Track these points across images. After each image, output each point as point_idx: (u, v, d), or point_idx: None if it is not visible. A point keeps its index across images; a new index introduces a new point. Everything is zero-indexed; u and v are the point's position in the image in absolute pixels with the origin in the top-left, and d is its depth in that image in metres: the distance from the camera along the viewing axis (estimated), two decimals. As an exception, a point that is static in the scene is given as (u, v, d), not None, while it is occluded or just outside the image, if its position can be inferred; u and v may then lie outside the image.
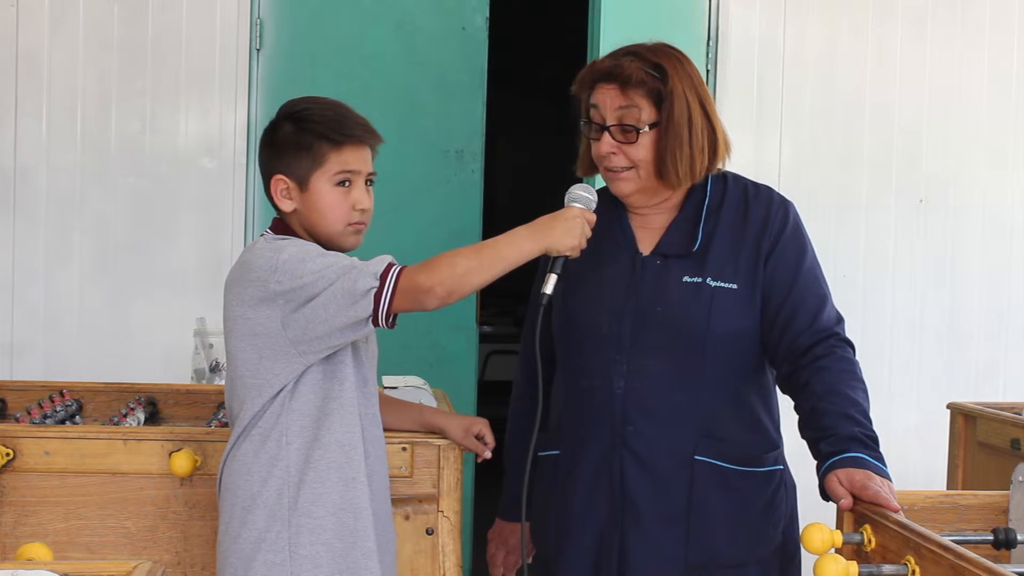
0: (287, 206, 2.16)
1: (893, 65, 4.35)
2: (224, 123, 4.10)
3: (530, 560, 2.44)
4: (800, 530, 2.34)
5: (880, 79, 4.34)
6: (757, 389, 2.33)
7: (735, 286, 2.27)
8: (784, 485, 2.36)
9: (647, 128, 2.26)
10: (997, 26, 4.40)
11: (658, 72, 2.26)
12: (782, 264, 2.28)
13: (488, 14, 4.32)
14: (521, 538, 2.36)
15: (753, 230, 2.30)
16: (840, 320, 2.28)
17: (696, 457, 2.26)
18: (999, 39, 4.40)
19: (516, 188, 8.78)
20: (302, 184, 2.14)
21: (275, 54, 4.16)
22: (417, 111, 4.27)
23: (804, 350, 2.22)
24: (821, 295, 2.29)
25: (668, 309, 2.27)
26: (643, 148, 2.27)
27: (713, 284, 2.26)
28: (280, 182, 2.15)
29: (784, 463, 2.37)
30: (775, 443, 2.36)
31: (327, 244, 2.17)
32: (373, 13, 4.25)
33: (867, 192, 4.35)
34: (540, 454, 2.40)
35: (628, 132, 2.26)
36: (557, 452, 2.38)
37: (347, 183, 2.15)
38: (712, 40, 4.23)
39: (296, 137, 2.14)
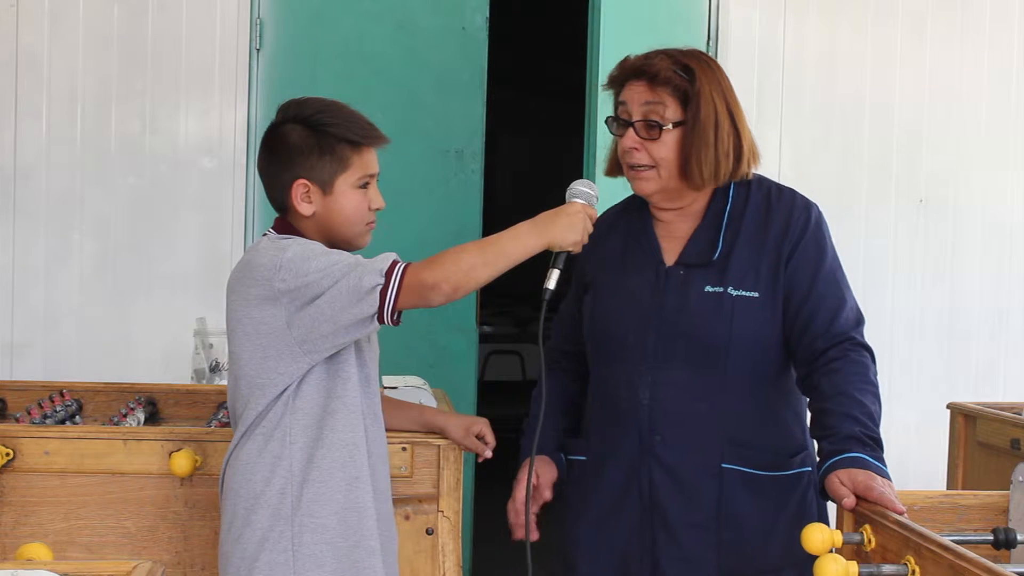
0: (307, 210, 2.16)
1: (893, 65, 4.35)
2: (224, 123, 4.10)
3: (536, 510, 2.37)
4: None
5: (880, 79, 4.34)
6: (782, 393, 2.33)
7: (756, 294, 2.27)
8: (813, 487, 2.33)
9: (671, 126, 2.26)
10: (997, 26, 4.40)
11: (687, 73, 2.27)
12: (801, 266, 2.28)
13: (488, 14, 4.32)
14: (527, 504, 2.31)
15: (775, 235, 2.30)
16: (859, 323, 2.27)
17: (724, 465, 2.26)
18: (999, 39, 4.40)
19: (516, 188, 8.78)
20: (325, 188, 2.15)
21: (275, 54, 4.16)
22: (417, 111, 4.27)
23: (819, 353, 2.22)
24: (840, 298, 2.28)
25: (690, 319, 2.27)
26: (665, 146, 2.27)
27: (735, 293, 2.26)
28: (302, 186, 2.15)
29: (813, 465, 2.35)
30: (803, 445, 2.34)
31: (344, 245, 2.18)
32: (373, 13, 4.25)
33: (867, 192, 4.35)
34: (570, 457, 2.42)
35: (652, 128, 2.27)
36: (584, 458, 2.40)
37: (367, 184, 2.17)
38: (712, 40, 4.23)
39: (316, 141, 2.14)
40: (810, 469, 2.34)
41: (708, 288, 2.27)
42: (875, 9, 4.34)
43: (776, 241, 2.29)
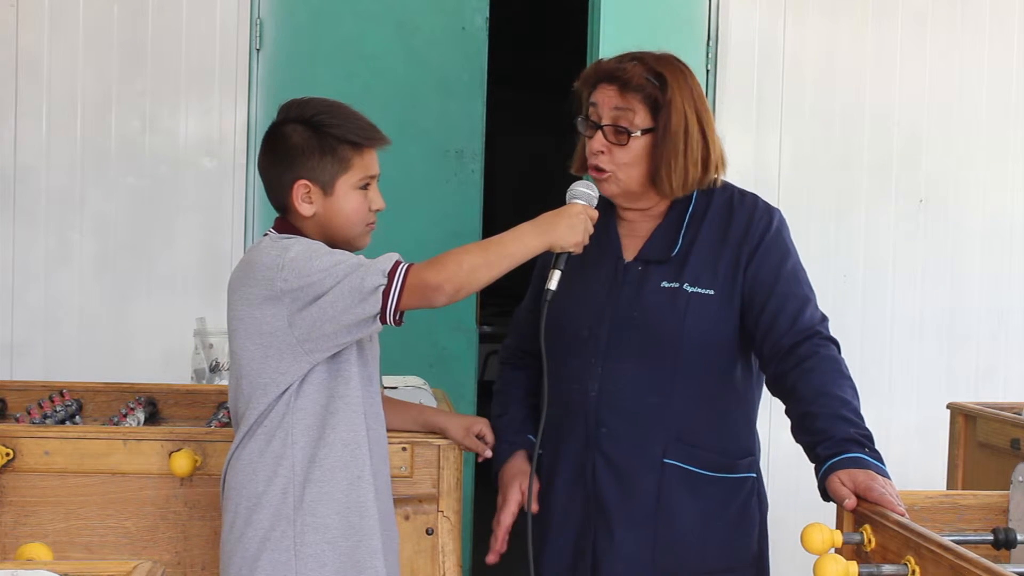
0: (308, 210, 2.16)
1: (893, 65, 4.35)
2: (224, 123, 4.10)
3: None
4: (770, 541, 2.36)
5: (880, 79, 4.34)
6: (734, 396, 2.34)
7: (712, 292, 2.28)
8: (757, 495, 2.35)
9: (639, 133, 2.27)
10: (997, 26, 4.40)
11: (658, 81, 2.28)
12: (763, 268, 2.29)
13: (488, 14, 4.32)
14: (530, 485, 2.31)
15: (735, 237, 2.31)
16: (823, 319, 2.28)
17: (665, 460, 2.26)
18: (999, 39, 4.40)
19: (516, 188, 8.78)
20: (326, 188, 2.15)
21: (275, 54, 4.16)
22: (417, 111, 4.27)
23: (787, 351, 2.22)
24: (803, 296, 2.29)
25: (644, 313, 2.28)
26: (632, 152, 2.28)
27: (690, 290, 2.27)
28: (303, 187, 2.15)
29: (758, 472, 2.37)
30: (750, 450, 2.36)
31: (344, 245, 2.18)
32: (373, 13, 4.25)
33: (867, 192, 4.35)
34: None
35: (620, 134, 2.28)
36: (541, 452, 2.39)
37: (367, 185, 2.18)
38: (712, 40, 4.23)
39: (317, 141, 2.14)
40: (755, 475, 2.35)
41: (664, 283, 2.29)
42: (875, 9, 4.34)
43: (736, 244, 2.30)
